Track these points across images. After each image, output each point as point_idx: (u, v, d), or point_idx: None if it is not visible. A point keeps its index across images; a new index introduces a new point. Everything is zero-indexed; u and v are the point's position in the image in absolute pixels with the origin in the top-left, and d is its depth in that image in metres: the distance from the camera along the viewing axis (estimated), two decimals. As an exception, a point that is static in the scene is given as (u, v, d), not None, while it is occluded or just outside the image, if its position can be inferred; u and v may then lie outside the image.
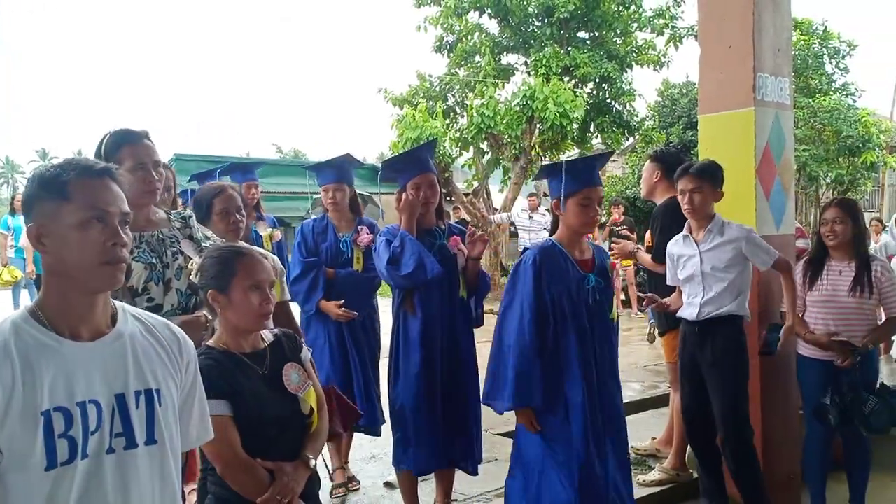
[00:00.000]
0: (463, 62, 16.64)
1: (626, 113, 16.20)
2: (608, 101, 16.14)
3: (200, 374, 2.18)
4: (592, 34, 16.51)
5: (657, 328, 4.75)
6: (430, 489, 4.18)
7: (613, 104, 16.17)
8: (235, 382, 2.25)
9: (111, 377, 1.55)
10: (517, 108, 13.37)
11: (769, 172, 4.31)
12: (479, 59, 16.38)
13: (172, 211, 2.92)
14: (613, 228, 10.75)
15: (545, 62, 15.10)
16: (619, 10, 15.96)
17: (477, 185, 15.94)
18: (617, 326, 3.49)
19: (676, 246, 4.10)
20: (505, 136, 13.74)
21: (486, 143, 14.57)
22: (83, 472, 1.48)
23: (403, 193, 3.83)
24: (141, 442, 1.57)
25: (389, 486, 4.54)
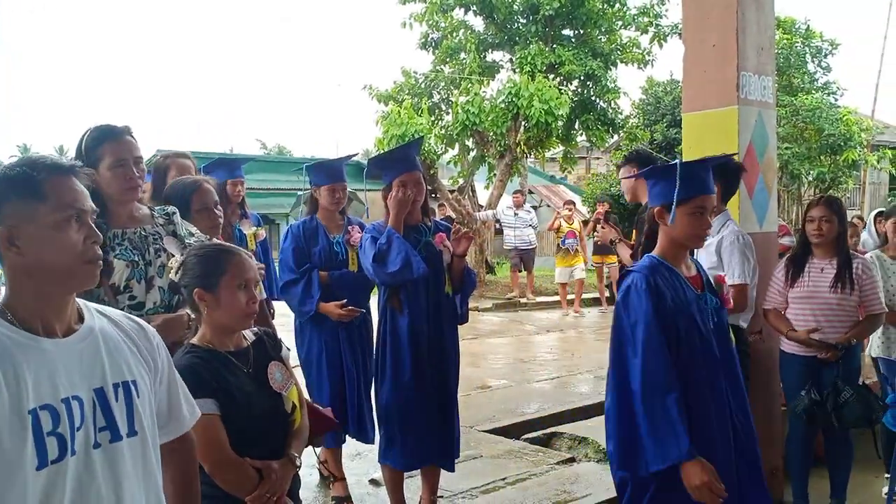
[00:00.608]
0: (448, 59, 16.65)
1: (610, 111, 16.29)
2: (593, 98, 16.21)
3: (188, 371, 2.19)
4: (577, 32, 16.57)
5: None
6: (415, 486, 4.18)
7: (598, 102, 16.24)
8: (223, 381, 2.24)
9: (88, 372, 1.55)
10: (502, 105, 13.40)
11: (752, 170, 4.34)
12: (464, 55, 16.40)
13: (156, 207, 2.90)
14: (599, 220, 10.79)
15: (530, 59, 15.14)
16: (603, 7, 16.02)
17: (462, 182, 15.97)
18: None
19: None
20: (490, 133, 13.76)
21: (471, 140, 14.60)
22: (74, 468, 1.47)
23: (392, 191, 3.80)
24: (124, 434, 1.57)
25: (375, 483, 4.54)
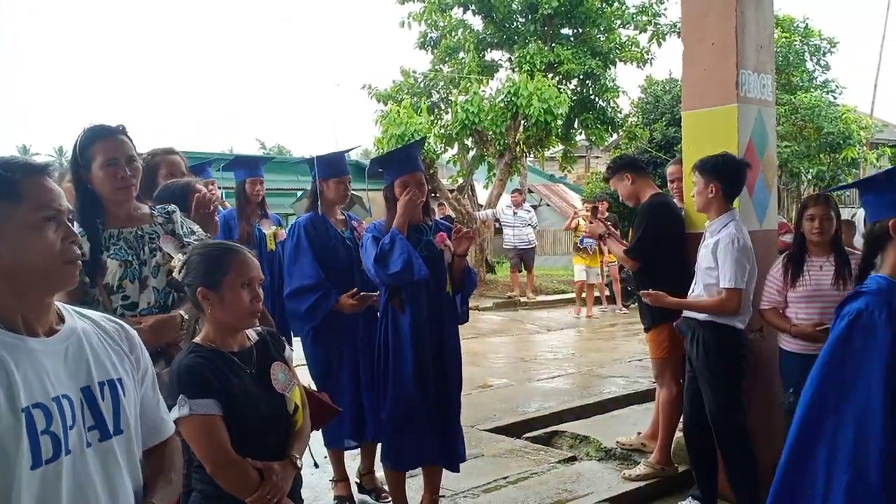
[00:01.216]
0: (447, 58, 16.66)
1: (609, 109, 16.30)
2: (592, 97, 16.23)
3: (191, 371, 2.18)
4: (576, 31, 16.58)
5: (643, 324, 4.77)
6: (417, 486, 4.19)
7: (597, 100, 16.26)
8: (226, 381, 2.24)
9: (74, 371, 1.54)
10: (501, 104, 13.41)
11: (752, 169, 4.32)
12: (463, 55, 16.40)
13: (157, 206, 2.89)
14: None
15: (529, 58, 15.15)
16: (602, 6, 16.04)
17: (462, 181, 15.97)
18: None
19: None
20: (489, 132, 13.77)
21: (470, 139, 14.60)
22: (69, 468, 1.46)
23: (397, 191, 3.81)
24: (112, 432, 1.57)
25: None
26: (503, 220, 13.89)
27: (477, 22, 16.69)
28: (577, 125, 16.23)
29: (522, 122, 13.70)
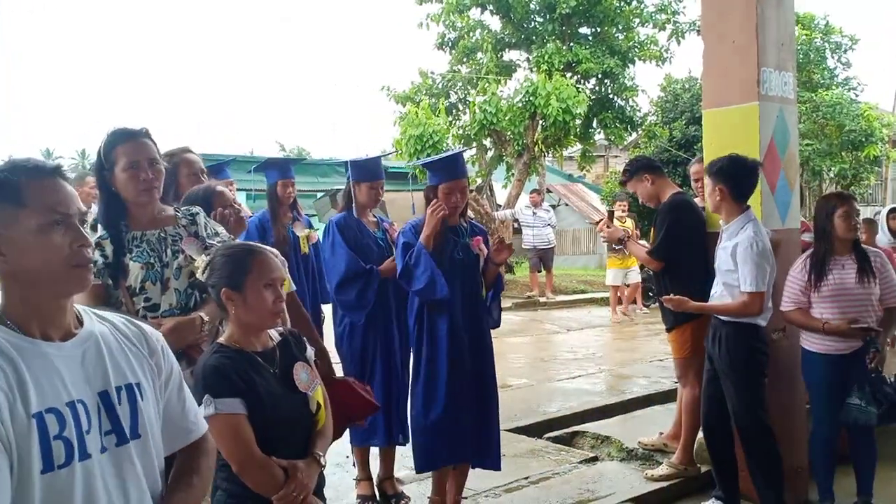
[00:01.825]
0: (465, 59, 16.67)
1: (628, 108, 16.23)
2: (611, 96, 16.17)
3: (216, 371, 2.20)
4: (594, 30, 16.52)
5: (665, 324, 4.75)
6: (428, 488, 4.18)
7: (616, 99, 16.19)
8: (250, 381, 2.26)
9: (91, 375, 1.52)
10: (520, 104, 13.39)
11: (774, 167, 4.32)
12: (481, 55, 16.41)
13: (182, 208, 2.92)
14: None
15: (547, 58, 15.11)
16: (620, 5, 15.97)
17: (480, 181, 15.96)
18: None
19: None
20: (508, 132, 13.76)
21: (488, 139, 14.60)
22: (83, 473, 1.44)
23: (441, 195, 3.86)
24: (129, 437, 1.55)
25: (398, 481, 4.55)
26: (522, 220, 13.87)
27: (495, 22, 16.70)
28: (595, 124, 16.17)
29: (541, 121, 13.68)
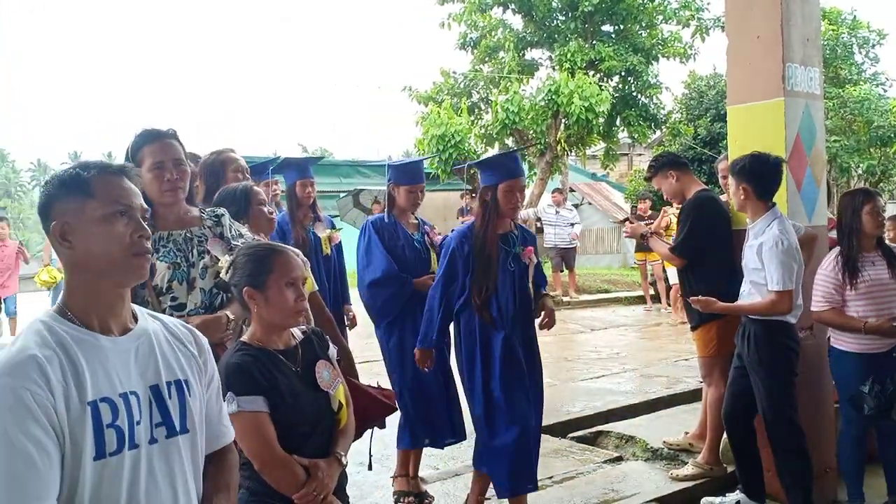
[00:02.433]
0: (487, 58, 16.65)
1: (652, 106, 16.11)
2: (634, 94, 16.06)
3: (239, 369, 2.23)
4: (617, 27, 16.43)
5: (690, 322, 4.71)
6: (463, 484, 4.19)
7: (639, 97, 16.08)
8: (273, 379, 2.28)
9: (143, 369, 1.60)
10: (542, 103, 13.33)
11: (800, 164, 4.26)
12: (503, 54, 16.38)
13: (206, 209, 2.94)
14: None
15: (570, 56, 15.05)
16: (644, 2, 15.86)
17: (503, 181, 15.91)
18: None
19: None
20: (530, 131, 13.71)
21: (511, 139, 14.55)
22: (131, 461, 1.52)
23: (501, 195, 3.77)
24: (178, 430, 1.63)
25: (421, 480, 4.55)
26: (545, 219, 13.81)
27: (517, 21, 16.66)
28: (619, 123, 16.07)
29: (563, 120, 13.62)
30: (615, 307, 12.63)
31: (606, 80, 15.72)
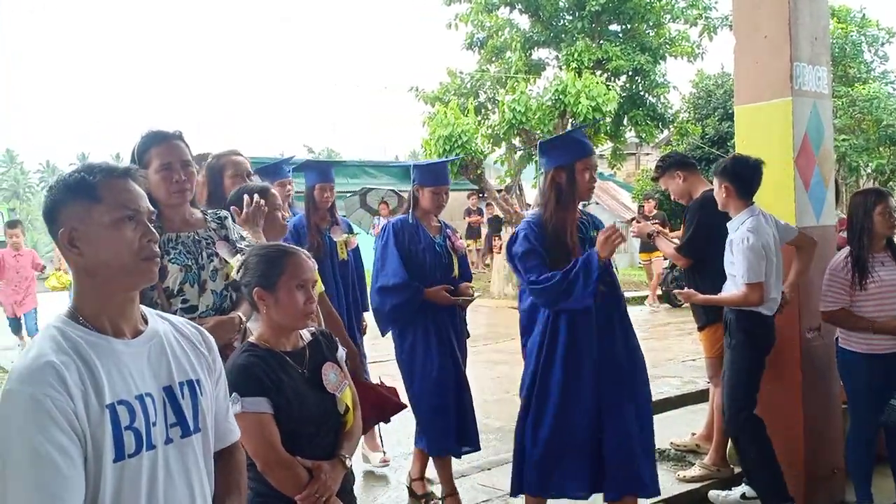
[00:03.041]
0: (494, 58, 16.65)
1: (659, 105, 16.09)
2: (641, 93, 16.04)
3: (244, 370, 2.24)
4: (624, 27, 16.41)
5: (697, 322, 4.70)
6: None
7: (647, 97, 16.06)
8: (278, 380, 2.28)
9: (156, 371, 1.61)
10: (549, 103, 13.32)
11: (808, 163, 4.24)
12: (509, 54, 16.38)
13: (209, 211, 2.94)
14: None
15: (577, 56, 15.04)
16: (651, 1, 15.83)
17: (509, 181, 15.93)
18: None
19: None
20: (537, 131, 13.69)
21: (518, 138, 14.55)
22: (149, 462, 1.54)
23: (579, 175, 3.40)
24: (192, 430, 1.65)
25: (428, 481, 4.55)
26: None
27: (524, 21, 16.66)
28: (626, 122, 16.05)
29: (570, 120, 13.60)
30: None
31: (614, 79, 15.71)
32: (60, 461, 1.39)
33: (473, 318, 5.05)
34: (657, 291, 12.70)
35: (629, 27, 16.26)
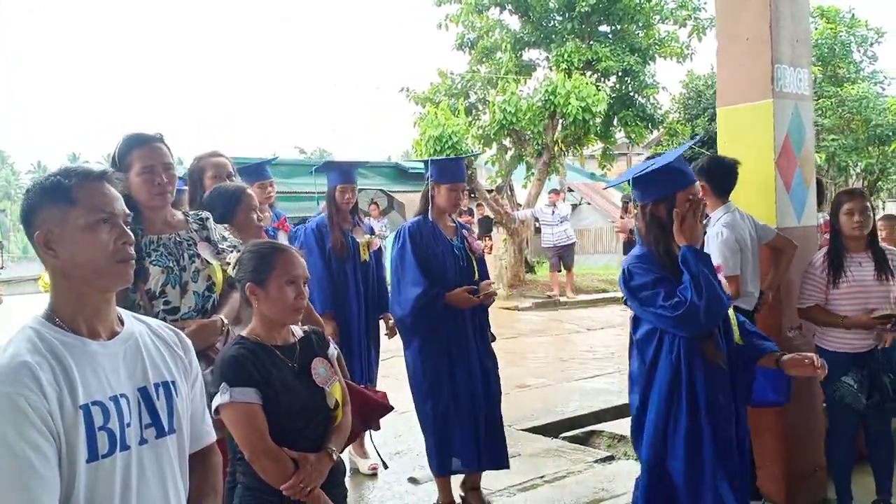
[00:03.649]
0: (484, 59, 16.66)
1: (649, 106, 16.12)
2: (631, 94, 16.07)
3: (234, 361, 2.29)
4: (614, 27, 16.44)
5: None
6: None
7: (637, 97, 16.09)
8: (267, 373, 2.33)
9: (132, 372, 1.63)
10: (539, 103, 13.37)
11: (789, 164, 4.29)
12: (500, 55, 16.39)
13: (190, 213, 2.96)
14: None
15: (567, 57, 15.06)
16: (640, 2, 15.86)
17: (500, 181, 15.96)
18: None
19: None
20: (527, 132, 13.74)
21: (508, 139, 14.60)
22: (123, 463, 1.55)
23: (661, 208, 2.94)
24: (167, 430, 1.67)
25: (413, 481, 4.59)
26: (542, 219, 13.85)
27: (514, 21, 16.66)
28: (616, 123, 16.09)
29: (560, 120, 13.64)
30: (612, 307, 12.65)
31: (603, 80, 15.74)
32: (36, 460, 1.40)
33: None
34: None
35: (619, 28, 16.30)
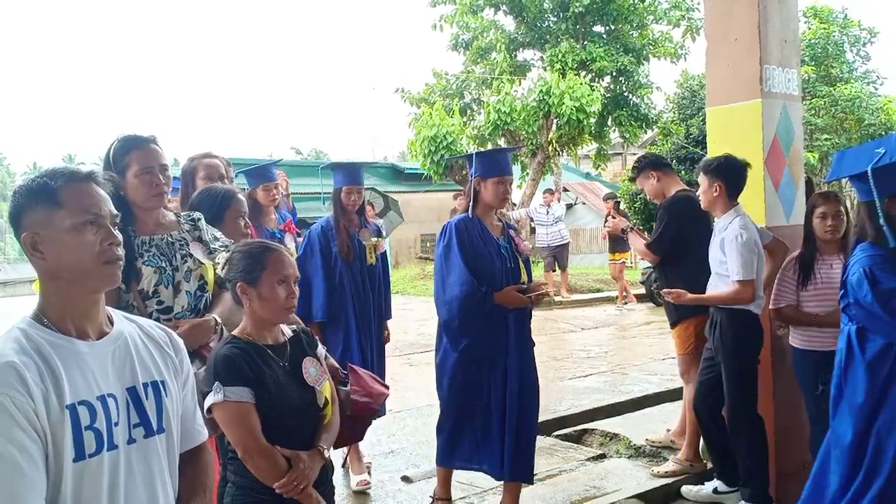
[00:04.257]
0: (479, 59, 16.73)
1: (643, 106, 16.19)
2: (625, 94, 16.15)
3: (227, 360, 2.30)
4: (608, 28, 16.52)
5: (669, 320, 4.77)
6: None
7: (631, 97, 16.17)
8: (259, 371, 2.35)
9: (120, 372, 1.63)
10: (533, 103, 13.42)
11: (778, 164, 4.33)
12: (494, 55, 16.45)
13: (182, 213, 2.99)
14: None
15: (561, 57, 15.13)
16: (634, 2, 15.95)
17: (495, 181, 15.97)
18: None
19: None
20: (522, 132, 13.79)
21: (503, 139, 14.64)
22: (111, 462, 1.55)
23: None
24: (156, 430, 1.67)
25: (406, 479, 4.62)
26: (536, 219, 13.87)
27: (508, 22, 16.75)
28: (610, 123, 16.17)
29: (555, 120, 13.70)
30: (606, 306, 12.68)
31: (597, 80, 15.81)
32: (21, 461, 1.41)
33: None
34: (633, 291, 12.80)
35: (613, 28, 16.37)
